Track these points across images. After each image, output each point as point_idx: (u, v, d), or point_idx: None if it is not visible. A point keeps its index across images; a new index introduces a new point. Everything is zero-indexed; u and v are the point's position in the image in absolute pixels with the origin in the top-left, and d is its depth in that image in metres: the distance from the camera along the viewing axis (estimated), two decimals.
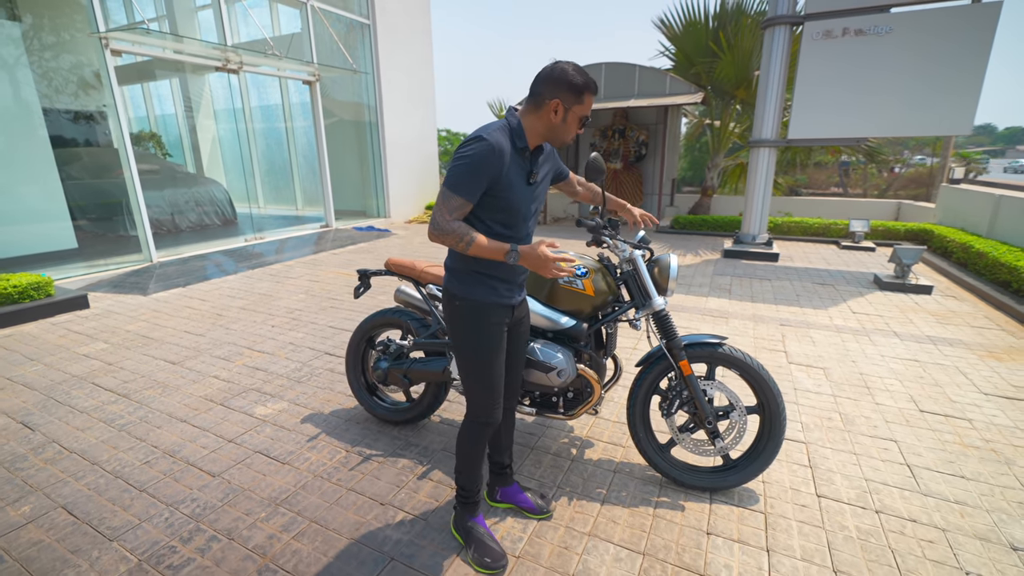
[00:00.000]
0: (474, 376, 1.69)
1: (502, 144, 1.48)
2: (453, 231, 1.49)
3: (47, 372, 3.31)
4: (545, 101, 1.51)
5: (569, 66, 1.51)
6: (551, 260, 1.50)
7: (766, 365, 3.34)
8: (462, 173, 1.46)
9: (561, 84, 1.49)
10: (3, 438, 2.55)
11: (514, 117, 1.57)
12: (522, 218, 1.62)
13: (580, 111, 1.55)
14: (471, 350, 1.67)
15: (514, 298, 1.71)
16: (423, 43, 10.45)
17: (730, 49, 7.93)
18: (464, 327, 1.66)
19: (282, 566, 1.76)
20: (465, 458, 1.79)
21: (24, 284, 4.28)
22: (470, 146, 1.46)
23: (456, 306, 1.66)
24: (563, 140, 1.60)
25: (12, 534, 1.91)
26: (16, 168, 5.60)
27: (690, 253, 7.07)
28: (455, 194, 1.48)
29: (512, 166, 1.53)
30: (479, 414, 1.73)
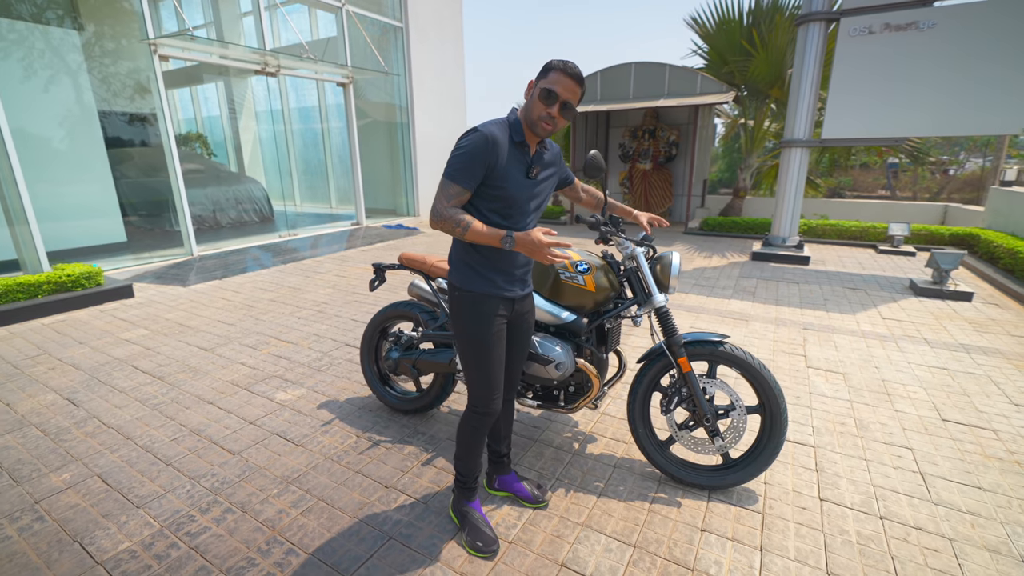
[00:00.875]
0: (473, 366, 1.75)
1: (496, 135, 1.55)
2: (450, 217, 1.56)
3: (93, 354, 3.58)
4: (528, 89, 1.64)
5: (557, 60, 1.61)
6: (545, 245, 1.52)
7: (783, 369, 3.28)
8: (458, 162, 1.54)
9: (541, 69, 1.61)
10: (51, 412, 2.79)
11: (513, 114, 1.67)
12: (519, 210, 1.67)
13: (544, 83, 1.56)
14: (470, 340, 1.72)
15: (514, 291, 1.75)
16: (454, 45, 10.62)
17: (764, 47, 7.73)
18: (464, 318, 1.72)
19: (288, 539, 1.87)
20: (465, 446, 1.85)
21: (76, 274, 4.63)
22: (466, 137, 1.56)
23: (456, 296, 1.72)
24: (531, 119, 1.58)
25: (53, 497, 2.10)
26: (73, 167, 6.04)
27: (716, 255, 6.94)
28: (452, 182, 1.56)
29: (509, 158, 1.60)
30: (478, 404, 1.78)
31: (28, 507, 2.04)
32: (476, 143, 1.53)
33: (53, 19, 6.27)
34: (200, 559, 1.78)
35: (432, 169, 10.48)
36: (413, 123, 9.79)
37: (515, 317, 1.81)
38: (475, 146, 1.53)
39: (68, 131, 5.98)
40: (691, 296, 4.95)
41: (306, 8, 10.10)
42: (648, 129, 9.93)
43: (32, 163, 5.25)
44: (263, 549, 1.82)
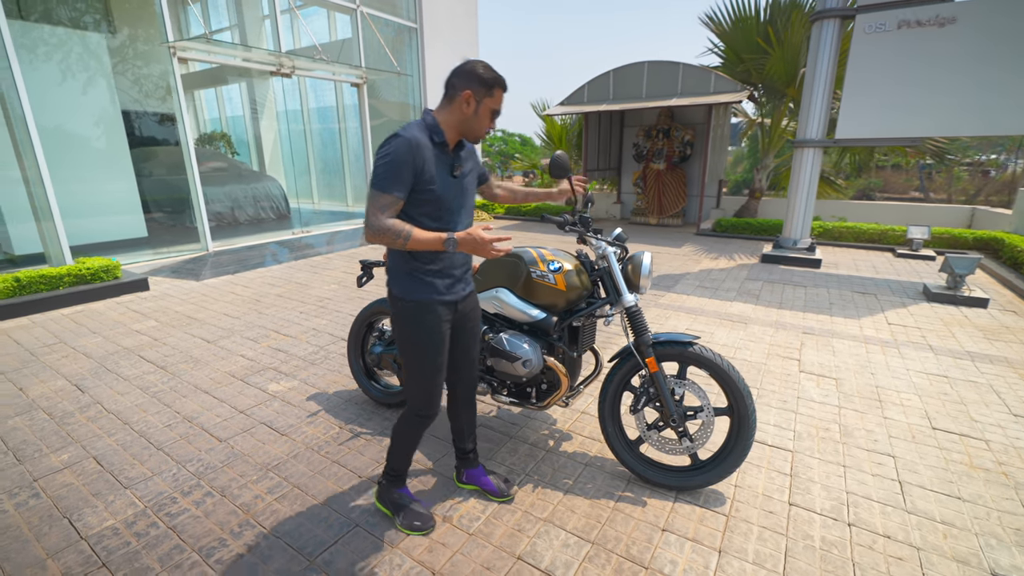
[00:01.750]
0: (414, 372, 1.77)
1: (419, 139, 1.55)
2: (389, 228, 1.54)
3: (104, 344, 3.76)
4: (457, 94, 1.60)
5: (480, 63, 1.62)
6: (487, 241, 1.54)
7: (774, 373, 3.23)
8: (384, 171, 1.53)
9: (472, 77, 1.59)
10: (59, 397, 2.95)
11: (429, 115, 1.66)
12: (449, 210, 1.69)
13: (491, 103, 1.63)
14: (413, 348, 1.75)
15: (456, 293, 1.77)
16: (469, 45, 10.69)
17: (780, 44, 7.57)
18: (407, 326, 1.73)
19: (260, 522, 1.95)
20: (401, 444, 1.90)
21: (96, 267, 4.85)
22: (388, 145, 1.54)
23: (400, 307, 1.73)
24: (477, 133, 1.67)
25: (50, 476, 2.23)
26: (98, 165, 6.32)
27: (724, 257, 6.83)
28: (384, 192, 1.54)
29: (434, 160, 1.61)
30: (418, 407, 1.81)
31: (27, 484, 2.18)
32: (401, 149, 1.52)
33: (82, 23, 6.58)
34: (176, 538, 1.87)
35: None
36: None
37: (459, 318, 1.84)
38: (400, 152, 1.52)
39: (94, 131, 6.27)
40: (692, 298, 4.90)
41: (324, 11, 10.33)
42: (662, 129, 9.82)
43: (59, 162, 5.53)
44: (235, 531, 1.91)
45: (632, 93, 9.03)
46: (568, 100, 9.76)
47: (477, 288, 2.35)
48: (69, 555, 1.79)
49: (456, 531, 1.91)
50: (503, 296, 2.25)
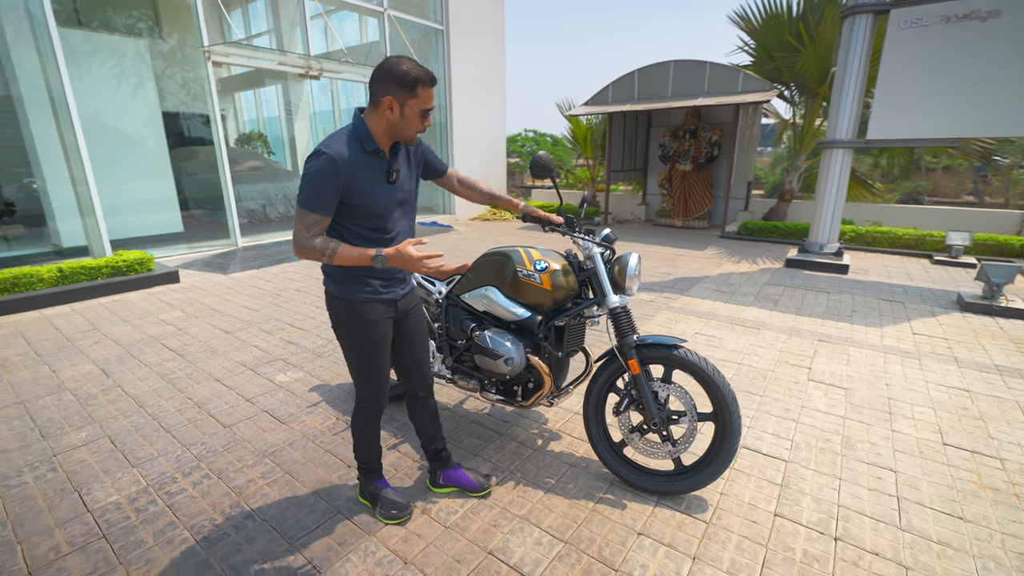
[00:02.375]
0: (357, 369, 1.80)
1: (343, 154, 1.49)
2: (314, 247, 1.52)
3: (132, 332, 3.99)
4: (379, 99, 1.52)
5: (399, 60, 1.50)
6: (417, 259, 1.54)
7: (780, 380, 3.14)
8: (308, 190, 1.48)
9: (390, 80, 1.49)
10: (86, 380, 3.15)
11: (359, 120, 1.57)
12: (387, 218, 1.65)
13: (416, 104, 1.53)
14: (353, 346, 1.76)
15: (394, 292, 1.77)
16: (495, 46, 10.76)
17: (812, 42, 7.30)
18: (347, 326, 1.73)
19: (250, 504, 2.04)
20: (361, 437, 1.94)
21: (131, 260, 5.15)
22: (311, 163, 1.48)
23: (336, 305, 1.71)
24: (408, 136, 1.60)
25: (68, 452, 2.40)
26: (140, 165, 6.70)
27: (747, 261, 6.64)
28: (308, 211, 1.50)
29: (365, 171, 1.55)
30: (364, 401, 1.86)
31: (47, 459, 2.35)
32: (323, 168, 1.46)
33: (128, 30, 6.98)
34: (171, 516, 1.98)
35: (469, 168, 10.68)
36: (451, 123, 10.04)
37: (401, 315, 1.84)
38: (323, 171, 1.47)
39: (136, 132, 6.65)
40: (706, 302, 4.80)
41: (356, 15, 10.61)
42: (689, 129, 9.63)
43: (102, 162, 5.89)
44: (226, 512, 2.00)
45: (657, 93, 8.89)
46: (592, 100, 9.70)
47: (468, 286, 2.39)
48: (74, 526, 1.93)
49: (433, 523, 1.95)
50: (491, 294, 2.27)
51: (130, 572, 1.72)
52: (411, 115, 1.55)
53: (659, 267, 6.24)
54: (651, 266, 6.29)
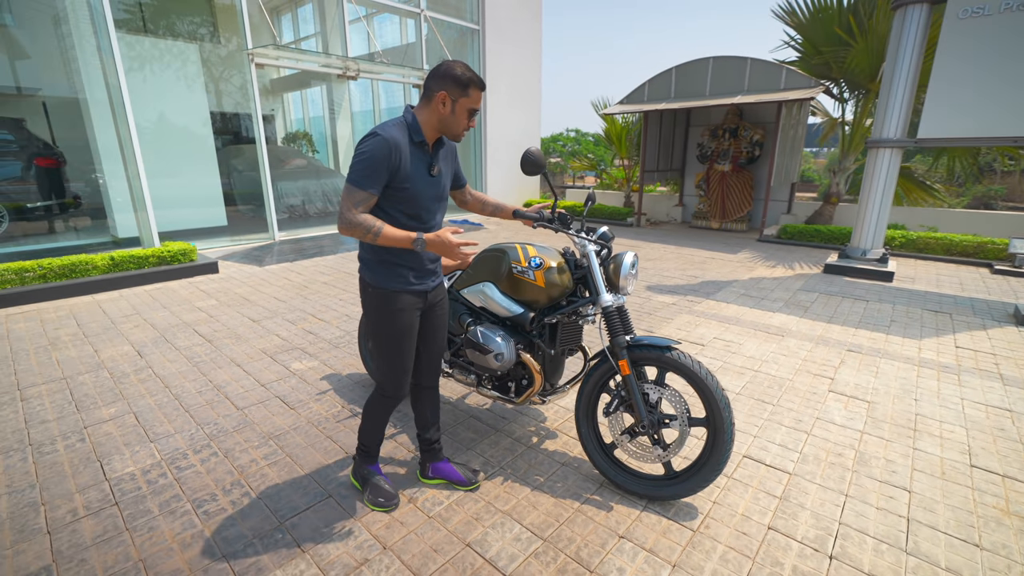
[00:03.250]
0: (384, 357, 1.84)
1: (397, 138, 1.60)
2: (360, 223, 1.59)
3: (169, 317, 4.26)
4: (433, 94, 1.65)
5: (456, 64, 1.66)
6: (455, 245, 1.63)
7: (797, 389, 3.00)
8: (361, 168, 1.58)
9: (447, 78, 1.64)
10: (122, 360, 3.40)
11: (409, 113, 1.70)
12: (425, 207, 1.74)
13: (467, 103, 1.67)
14: (383, 334, 1.81)
15: (426, 284, 1.83)
16: (531, 46, 10.77)
17: (863, 35, 6.89)
18: (378, 313, 1.79)
19: (249, 483, 2.14)
20: (371, 421, 1.99)
21: (175, 250, 5.50)
22: (366, 142, 1.59)
23: (369, 293, 1.79)
24: (455, 132, 1.72)
25: (97, 425, 2.59)
26: (189, 162, 7.13)
27: (782, 265, 6.35)
28: (358, 188, 1.59)
29: (411, 159, 1.66)
30: (386, 389, 1.89)
31: (78, 430, 2.55)
32: (378, 147, 1.57)
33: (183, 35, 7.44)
34: (177, 489, 2.11)
35: (501, 167, 10.74)
36: (484, 123, 10.12)
37: (428, 308, 1.91)
38: (377, 150, 1.57)
39: (185, 132, 7.08)
40: (731, 306, 4.63)
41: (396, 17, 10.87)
42: (729, 128, 9.29)
43: (154, 160, 6.31)
44: (226, 488, 2.12)
45: (695, 91, 8.63)
46: (628, 99, 9.53)
47: (467, 281, 2.41)
48: (92, 492, 2.09)
49: (417, 512, 1.98)
50: (487, 290, 2.29)
51: (133, 538, 1.84)
52: (460, 112, 1.68)
53: (687, 270, 6.06)
54: (678, 268, 6.13)
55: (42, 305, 4.55)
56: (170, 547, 1.80)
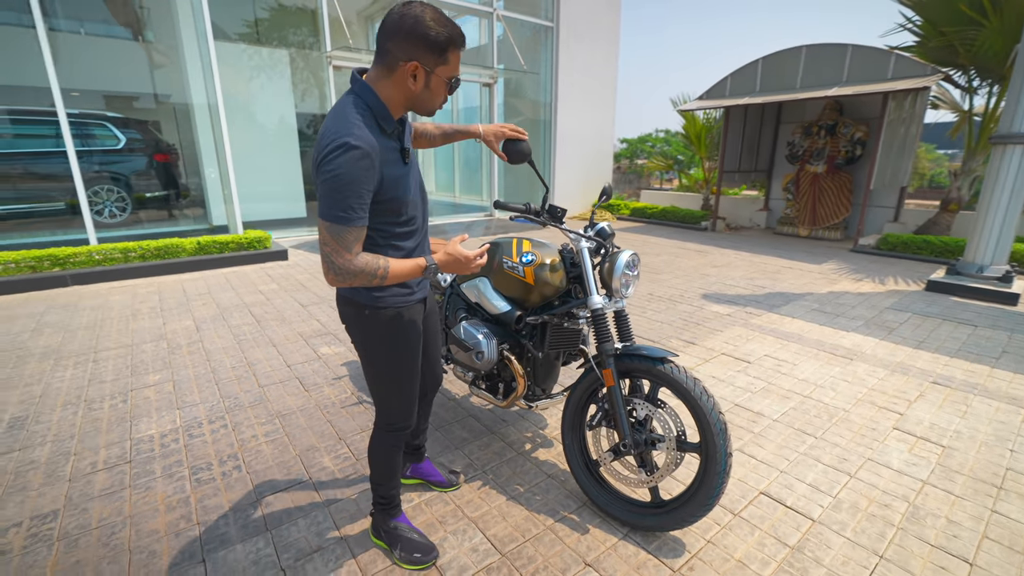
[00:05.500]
0: (390, 386, 1.53)
1: (371, 141, 1.21)
2: (361, 270, 1.25)
3: (233, 298, 4.66)
4: (399, 64, 1.22)
5: (424, 11, 1.19)
6: (471, 258, 1.38)
7: (852, 421, 2.56)
8: (341, 197, 1.18)
9: (416, 41, 1.19)
10: (182, 333, 3.75)
11: (368, 92, 1.26)
12: (412, 204, 1.40)
13: (446, 72, 1.27)
14: (392, 359, 1.49)
15: (424, 289, 1.57)
16: (608, 42, 10.44)
17: (997, 12, 5.80)
18: (378, 337, 1.46)
19: (243, 457, 2.24)
20: (385, 469, 1.64)
21: (252, 238, 6.02)
22: (336, 160, 1.17)
23: (366, 316, 1.43)
24: (430, 108, 1.33)
25: (140, 390, 2.87)
26: (274, 159, 7.81)
27: (874, 279, 5.54)
28: (346, 225, 1.20)
29: (388, 155, 1.28)
30: (395, 422, 1.59)
31: (124, 392, 2.84)
32: (355, 164, 1.18)
33: (272, 40, 8.14)
34: (182, 455, 2.26)
35: (570, 166, 10.52)
36: (555, 120, 9.98)
37: (426, 315, 1.68)
38: (355, 169, 1.18)
39: (272, 131, 7.76)
40: (796, 321, 4.10)
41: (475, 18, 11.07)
42: (826, 125, 8.32)
43: (244, 157, 6.97)
44: (223, 459, 2.23)
45: (784, 84, 7.83)
46: (708, 94, 8.89)
47: (467, 276, 2.33)
48: (114, 449, 2.30)
49: None
50: (481, 285, 2.19)
51: (131, 495, 2.00)
52: (438, 85, 1.28)
53: (755, 279, 5.50)
54: (744, 277, 5.58)
55: (137, 281, 5.20)
56: (156, 508, 1.93)
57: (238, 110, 7.23)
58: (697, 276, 5.64)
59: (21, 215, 6.63)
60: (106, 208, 6.99)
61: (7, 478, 2.09)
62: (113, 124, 7.07)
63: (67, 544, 1.74)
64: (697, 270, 5.93)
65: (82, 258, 5.07)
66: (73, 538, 1.77)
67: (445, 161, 13.31)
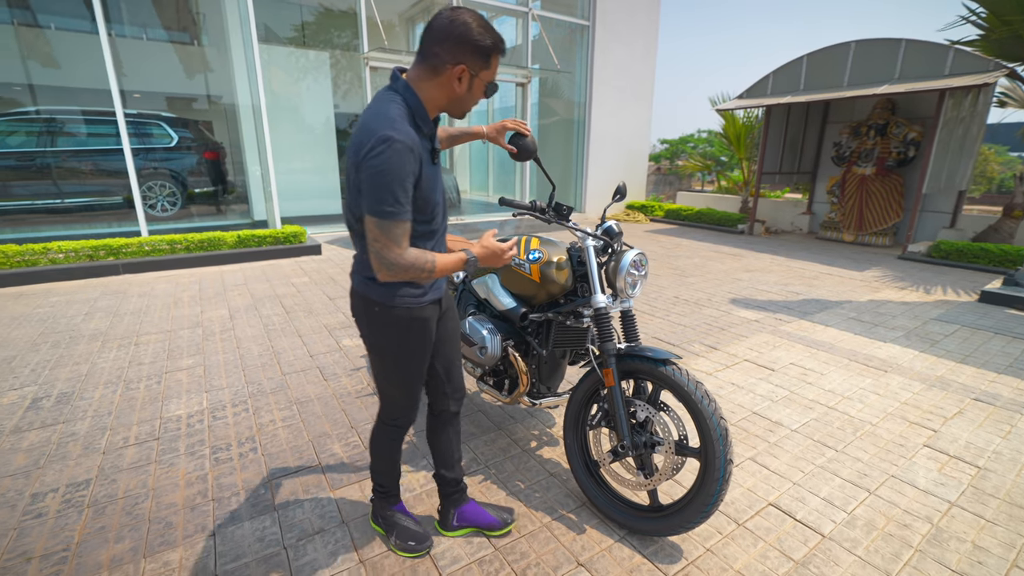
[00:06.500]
0: (396, 381, 1.55)
1: (413, 136, 1.24)
2: (412, 263, 1.27)
3: (266, 289, 4.87)
4: (446, 67, 1.26)
5: (473, 20, 1.25)
6: (505, 250, 1.44)
7: (882, 437, 2.44)
8: (390, 191, 1.21)
9: (466, 46, 1.24)
10: (217, 321, 3.95)
11: (409, 91, 1.29)
12: (436, 205, 1.40)
13: (487, 76, 1.31)
14: (402, 356, 1.49)
15: (439, 289, 1.53)
16: (645, 40, 10.26)
17: None
18: (385, 334, 1.46)
19: (260, 439, 2.35)
20: (385, 458, 1.69)
21: (288, 232, 6.27)
22: (383, 155, 1.19)
23: (375, 312, 1.43)
24: (463, 111, 1.37)
25: (174, 373, 3.05)
26: (313, 158, 8.09)
27: (920, 288, 5.21)
28: (396, 220, 1.22)
29: (422, 155, 1.29)
30: (396, 416, 1.62)
31: (159, 374, 3.03)
32: (402, 158, 1.20)
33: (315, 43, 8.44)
34: (205, 435, 2.39)
35: (603, 166, 10.41)
36: (589, 120, 9.90)
37: (443, 315, 1.63)
38: (402, 162, 1.21)
39: (311, 131, 8.05)
40: (830, 330, 3.92)
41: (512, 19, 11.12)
42: (876, 125, 7.89)
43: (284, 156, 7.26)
44: (241, 441, 2.34)
45: (830, 82, 7.47)
46: (748, 92, 8.59)
47: (478, 272, 2.36)
48: (145, 426, 2.46)
49: None
50: (490, 281, 2.22)
51: (156, 469, 2.13)
52: (478, 88, 1.32)
53: (790, 285, 5.28)
54: (779, 283, 5.37)
55: (182, 271, 5.51)
56: (177, 483, 2.05)
57: (279, 110, 7.55)
58: (728, 280, 5.47)
59: (82, 208, 7.15)
60: (158, 202, 7.45)
61: (51, 448, 2.27)
62: (167, 123, 7.52)
63: (95, 511, 1.88)
64: (729, 274, 5.75)
65: (133, 249, 5.43)
66: (101, 506, 1.91)
67: (479, 162, 13.42)
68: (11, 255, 4.93)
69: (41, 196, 6.93)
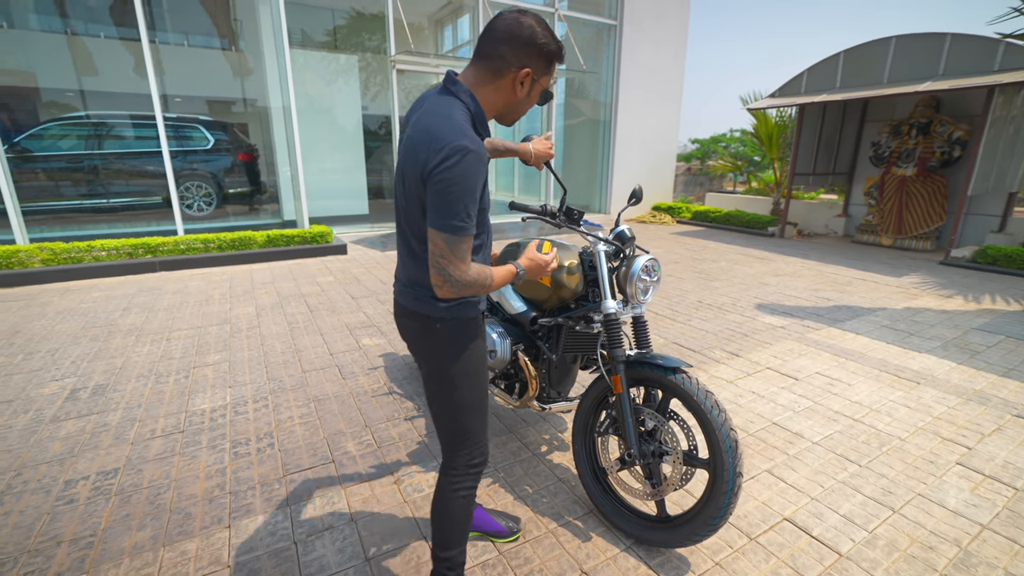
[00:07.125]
0: (473, 405, 1.35)
1: (482, 145, 1.16)
2: (474, 280, 1.18)
3: (292, 287, 5.00)
4: (511, 69, 1.19)
5: (538, 23, 1.19)
6: (548, 262, 1.43)
7: (911, 454, 2.33)
8: (462, 205, 1.11)
9: (531, 49, 1.18)
10: (243, 318, 4.09)
11: (468, 95, 1.21)
12: (483, 214, 1.28)
13: (545, 83, 1.28)
14: (469, 374, 1.33)
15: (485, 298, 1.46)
16: (674, 40, 10.08)
17: None
18: (453, 353, 1.30)
19: (277, 436, 2.42)
20: (462, 526, 1.39)
21: (315, 232, 6.43)
22: (455, 165, 1.09)
23: (437, 330, 1.29)
24: (516, 118, 1.33)
25: (201, 368, 3.17)
26: (339, 159, 8.26)
27: (963, 296, 4.95)
28: (463, 235, 1.13)
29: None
30: (476, 456, 1.38)
31: (187, 369, 3.15)
32: (475, 170, 1.12)
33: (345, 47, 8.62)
34: (227, 429, 2.48)
35: (629, 168, 10.28)
36: (615, 121, 9.80)
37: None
38: (475, 174, 1.12)
39: (339, 133, 8.23)
40: (860, 338, 3.76)
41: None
42: (918, 123, 7.53)
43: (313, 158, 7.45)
44: (260, 436, 2.42)
45: (868, 79, 7.17)
46: (782, 91, 8.33)
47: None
48: (171, 419, 2.56)
49: (396, 494, 2.02)
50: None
51: (179, 461, 2.22)
52: (535, 94, 1.28)
53: (820, 290, 5.10)
54: (809, 288, 5.19)
55: (214, 269, 5.72)
56: (198, 475, 2.13)
57: (309, 112, 7.75)
58: (755, 285, 5.32)
59: (124, 208, 7.51)
60: (195, 202, 7.75)
61: (84, 437, 2.40)
62: (204, 126, 7.82)
63: (121, 499, 1.97)
64: (756, 278, 5.59)
65: (169, 247, 5.66)
66: (127, 495, 2.00)
67: (505, 164, 13.46)
68: (59, 252, 5.22)
69: (88, 196, 7.31)
